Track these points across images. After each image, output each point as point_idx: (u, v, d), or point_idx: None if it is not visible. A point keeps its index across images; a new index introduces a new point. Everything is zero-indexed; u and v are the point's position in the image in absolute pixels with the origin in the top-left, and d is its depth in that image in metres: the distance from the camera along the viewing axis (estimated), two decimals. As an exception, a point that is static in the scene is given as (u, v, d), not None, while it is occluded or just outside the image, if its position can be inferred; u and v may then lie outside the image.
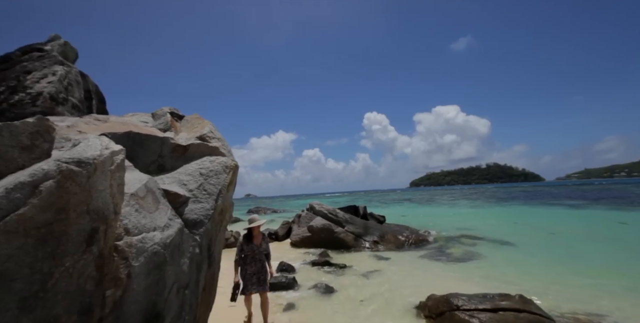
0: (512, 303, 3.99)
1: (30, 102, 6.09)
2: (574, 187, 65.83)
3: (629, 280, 6.16)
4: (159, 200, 2.63)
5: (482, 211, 23.89)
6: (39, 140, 1.95)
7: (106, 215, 1.81)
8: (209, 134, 4.18)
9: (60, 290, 1.54)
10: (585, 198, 29.83)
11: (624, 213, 17.76)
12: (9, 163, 1.71)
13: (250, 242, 4.14)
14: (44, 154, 1.89)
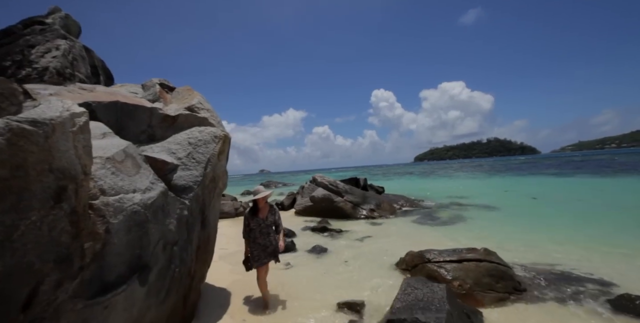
0: (476, 255, 4.05)
1: (37, 77, 5.94)
2: (565, 158, 64.89)
3: (588, 235, 6.40)
4: (139, 165, 2.60)
5: (476, 182, 23.77)
6: (5, 102, 1.87)
7: (74, 174, 1.78)
8: (198, 105, 4.07)
9: (30, 240, 1.55)
10: (571, 168, 29.54)
11: (602, 180, 17.63)
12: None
13: (255, 215, 3.65)
14: (10, 113, 1.84)
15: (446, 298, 2.87)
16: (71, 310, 1.78)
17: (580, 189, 14.49)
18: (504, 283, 3.81)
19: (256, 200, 3.65)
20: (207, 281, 4.35)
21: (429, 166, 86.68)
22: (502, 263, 4.09)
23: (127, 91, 4.04)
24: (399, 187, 21.54)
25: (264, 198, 3.66)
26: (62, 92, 2.94)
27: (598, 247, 5.56)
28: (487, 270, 3.89)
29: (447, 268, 3.95)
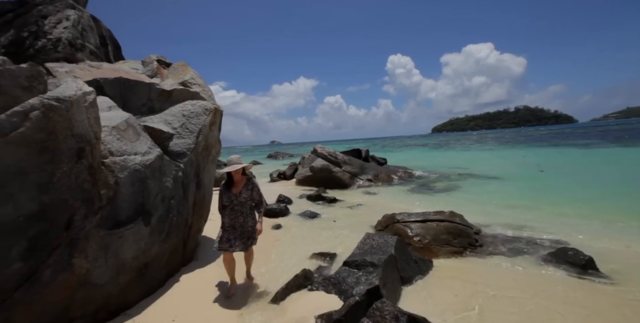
0: (440, 216, 4.70)
1: (52, 48, 6.54)
2: (603, 127, 61.74)
3: (568, 204, 6.77)
4: (139, 133, 3.28)
5: (488, 153, 23.77)
6: (35, 82, 2.54)
7: (88, 139, 2.47)
8: (190, 80, 4.63)
9: (63, 184, 2.28)
10: (603, 138, 28.53)
11: (628, 151, 17.20)
12: (15, 99, 2.33)
13: (228, 190, 3.22)
14: (40, 93, 2.49)
15: (394, 246, 3.57)
16: (96, 236, 2.57)
17: (596, 161, 14.40)
18: (460, 239, 4.48)
19: (230, 172, 3.18)
20: (207, 235, 5.26)
21: (446, 137, 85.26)
22: (462, 224, 4.73)
23: (129, 67, 4.62)
24: (407, 158, 21.95)
25: (238, 171, 3.18)
26: (75, 70, 3.56)
27: (570, 213, 6.07)
28: (447, 228, 4.55)
29: (412, 227, 4.64)
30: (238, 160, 3.26)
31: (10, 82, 2.31)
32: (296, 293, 3.25)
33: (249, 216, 3.25)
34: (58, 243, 2.25)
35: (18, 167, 2.00)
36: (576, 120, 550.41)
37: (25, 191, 2.03)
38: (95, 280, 2.52)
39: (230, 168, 3.14)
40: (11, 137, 1.94)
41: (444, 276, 3.70)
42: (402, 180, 11.45)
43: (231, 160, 3.25)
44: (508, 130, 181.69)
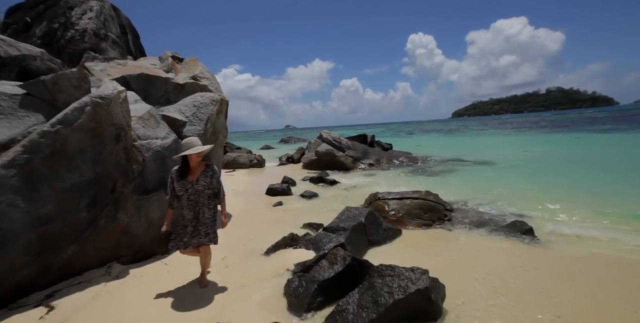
0: (416, 195, 5.45)
1: (80, 39, 7.52)
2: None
3: (550, 189, 7.17)
4: (159, 121, 4.17)
5: (500, 139, 23.71)
6: (82, 82, 3.43)
7: (123, 126, 3.37)
8: (200, 74, 5.46)
9: (108, 160, 3.21)
10: (631, 123, 27.44)
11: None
12: (71, 96, 3.23)
13: (183, 177, 2.77)
14: (87, 91, 3.39)
15: (365, 216, 4.39)
16: (132, 199, 3.53)
17: (605, 149, 14.21)
18: (430, 214, 5.25)
19: (187, 156, 2.73)
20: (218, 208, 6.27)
21: (464, 122, 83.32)
22: (435, 201, 5.47)
23: (149, 63, 5.49)
24: (416, 143, 22.37)
25: (198, 155, 2.76)
26: (107, 68, 4.46)
27: (544, 196, 6.62)
28: (419, 204, 5.31)
29: (390, 204, 5.43)
30: (198, 141, 2.80)
31: (66, 83, 3.20)
32: (283, 249, 4.18)
33: (206, 206, 2.83)
34: (107, 202, 3.22)
35: (80, 147, 2.93)
36: (617, 102, 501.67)
37: (85, 163, 2.97)
38: (133, 230, 3.51)
39: (193, 150, 2.68)
40: (74, 125, 2.86)
41: (408, 242, 4.51)
42: (402, 165, 12.09)
43: (190, 142, 2.75)
44: (537, 114, 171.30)
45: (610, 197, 6.21)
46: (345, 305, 2.54)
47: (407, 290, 2.40)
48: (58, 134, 2.71)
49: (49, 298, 2.60)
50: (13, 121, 2.79)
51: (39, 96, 3.03)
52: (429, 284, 2.43)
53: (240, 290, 3.07)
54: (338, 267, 2.97)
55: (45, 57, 5.36)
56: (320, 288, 2.83)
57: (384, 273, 2.63)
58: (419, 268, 2.60)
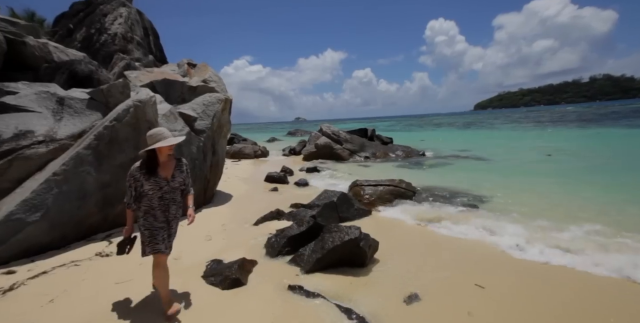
0: (390, 182, 6.71)
1: (111, 42, 9.13)
2: None
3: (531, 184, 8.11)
4: (177, 117, 5.61)
5: (510, 134, 24.19)
6: (125, 89, 4.89)
7: (153, 122, 4.81)
8: (209, 78, 6.86)
9: (143, 146, 4.67)
10: None
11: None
12: (118, 99, 4.68)
13: (153, 173, 2.46)
14: (128, 95, 4.84)
15: (337, 196, 5.72)
16: (157, 176, 4.99)
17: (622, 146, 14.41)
18: (399, 197, 6.53)
19: (156, 149, 2.45)
20: (223, 190, 7.73)
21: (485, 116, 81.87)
22: (405, 188, 6.72)
23: (170, 69, 6.93)
24: (422, 137, 23.31)
25: (170, 148, 2.51)
26: (139, 76, 5.91)
27: (505, 188, 7.71)
28: (390, 191, 6.60)
29: (365, 190, 6.73)
30: (168, 132, 2.48)
31: (115, 90, 4.65)
32: (270, 221, 5.56)
33: (178, 205, 2.63)
34: (141, 176, 4.68)
35: (126, 137, 4.38)
36: None
37: (129, 148, 4.43)
38: (158, 199, 4.98)
39: (166, 142, 2.39)
40: (123, 121, 4.30)
41: (373, 220, 5.83)
42: (398, 158, 13.28)
43: (161, 133, 2.43)
44: (576, 105, 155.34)
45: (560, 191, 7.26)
46: (303, 251, 3.91)
47: (343, 239, 3.73)
48: (114, 127, 4.15)
49: (108, 237, 4.10)
50: (84, 117, 4.27)
51: (98, 99, 4.50)
52: (359, 235, 3.75)
53: (233, 244, 4.49)
54: (303, 228, 4.33)
55: (86, 60, 6.90)
56: (288, 242, 4.21)
57: (331, 230, 3.97)
58: (355, 226, 3.93)
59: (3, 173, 3.86)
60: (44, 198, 3.55)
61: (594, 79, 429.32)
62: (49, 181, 3.62)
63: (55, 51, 6.16)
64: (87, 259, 3.55)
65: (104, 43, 7.92)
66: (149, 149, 2.45)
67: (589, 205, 5.89)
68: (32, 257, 3.48)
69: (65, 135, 4.34)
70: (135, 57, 8.21)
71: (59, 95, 4.63)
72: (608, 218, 5.08)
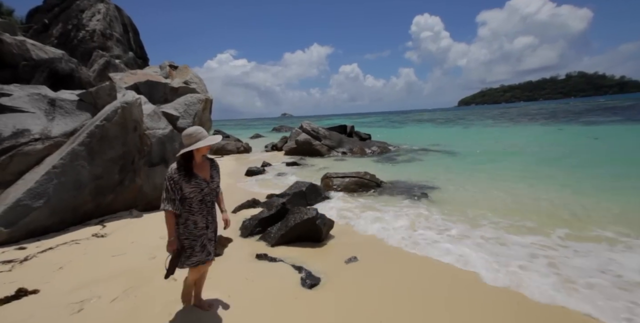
0: (355, 174, 7.54)
1: (89, 39, 9.46)
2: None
3: (482, 174, 9.13)
4: (160, 116, 6.22)
5: (482, 130, 25.57)
6: (112, 91, 5.48)
7: (139, 121, 5.43)
8: (190, 79, 7.47)
9: (130, 142, 5.29)
10: None
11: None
12: (105, 101, 5.27)
13: (191, 174, 2.27)
14: (114, 97, 5.43)
15: (306, 186, 6.49)
16: (144, 169, 5.61)
17: (577, 142, 15.58)
18: (363, 188, 7.36)
19: (192, 151, 2.26)
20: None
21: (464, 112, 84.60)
22: (369, 179, 7.56)
23: (152, 71, 7.47)
24: (398, 134, 24.33)
25: (208, 147, 2.32)
26: (124, 78, 6.46)
27: (466, 175, 8.70)
28: (355, 181, 7.42)
29: (334, 181, 7.53)
30: (205, 131, 2.33)
31: (103, 92, 5.23)
32: (247, 209, 6.27)
33: (214, 208, 2.52)
34: (129, 169, 5.31)
35: (115, 134, 4.99)
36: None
37: (118, 145, 5.05)
38: (145, 190, 5.62)
39: (204, 142, 2.23)
40: (112, 121, 4.92)
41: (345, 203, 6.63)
42: (373, 153, 14.17)
43: (200, 132, 2.26)
44: (552, 102, 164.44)
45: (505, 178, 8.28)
46: (271, 230, 4.66)
47: (302, 218, 4.50)
48: (104, 126, 4.76)
49: (101, 222, 4.74)
50: (74, 117, 4.86)
51: (87, 101, 5.09)
52: (315, 215, 4.53)
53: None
54: (272, 211, 5.09)
55: (65, 58, 7.32)
56: (259, 223, 4.95)
57: (294, 211, 4.73)
58: (313, 208, 4.71)
59: (5, 167, 4.43)
60: (45, 187, 4.16)
61: (569, 76, 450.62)
62: (49, 173, 4.23)
63: (33, 49, 6.59)
64: (85, 239, 4.19)
65: (82, 40, 8.34)
66: (190, 149, 2.20)
67: (521, 199, 6.54)
68: (38, 237, 4.10)
69: (59, 133, 4.92)
70: (115, 54, 8.65)
71: (50, 96, 5.18)
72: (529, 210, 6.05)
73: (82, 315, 2.67)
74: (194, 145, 2.21)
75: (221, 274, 3.37)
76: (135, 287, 3.13)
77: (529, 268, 3.48)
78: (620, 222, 4.79)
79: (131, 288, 3.12)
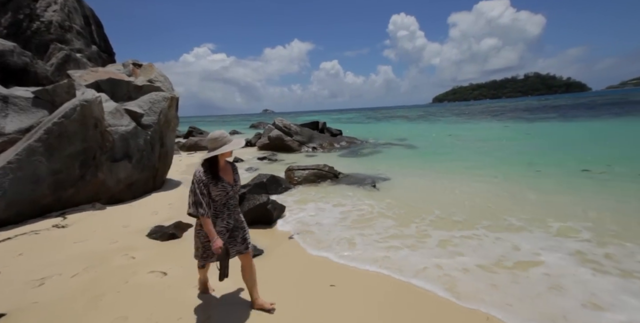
0: (315, 167, 7.87)
1: (45, 30, 8.95)
2: (608, 97, 64.90)
3: (431, 163, 9.78)
4: (123, 114, 6.25)
5: (444, 126, 26.81)
6: (71, 89, 5.48)
7: (100, 118, 5.47)
8: (155, 78, 7.47)
9: (90, 139, 5.33)
10: (583, 110, 31.87)
11: (574, 125, 20.16)
12: (63, 98, 5.27)
13: (218, 178, 2.27)
14: (73, 95, 5.43)
15: (267, 178, 6.74)
16: (106, 164, 5.67)
17: (515, 136, 17.16)
18: (321, 179, 7.71)
19: (217, 156, 2.25)
20: (174, 178, 8.42)
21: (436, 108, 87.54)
22: (327, 171, 7.92)
23: (115, 69, 7.40)
24: (367, 130, 24.97)
25: (231, 152, 2.32)
26: (83, 75, 6.40)
27: (417, 167, 9.26)
28: (314, 173, 7.75)
29: (295, 173, 7.83)
30: (229, 136, 2.30)
31: (61, 90, 5.24)
32: (211, 199, 6.48)
33: (239, 208, 2.55)
34: (91, 165, 5.36)
35: (74, 131, 5.03)
36: (589, 88, 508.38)
37: (77, 141, 5.09)
38: (108, 184, 5.68)
39: (230, 146, 2.23)
40: (71, 118, 4.95)
41: (295, 194, 6.94)
42: (341, 148, 14.58)
43: (224, 137, 2.26)
44: (512, 100, 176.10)
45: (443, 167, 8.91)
46: (228, 216, 4.90)
47: (255, 203, 4.78)
48: (62, 123, 4.80)
49: (62, 215, 4.79)
50: (30, 114, 4.86)
51: (44, 98, 5.08)
52: (266, 200, 4.81)
53: (176, 215, 5.34)
54: (230, 200, 5.32)
55: (17, 50, 7.10)
56: (218, 211, 5.17)
57: (249, 198, 5.00)
58: (266, 195, 4.99)
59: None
60: (1, 182, 4.18)
61: (527, 77, 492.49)
62: (4, 168, 4.25)
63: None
64: (45, 230, 4.27)
65: (37, 31, 7.98)
66: (215, 154, 2.19)
67: (454, 191, 7.00)
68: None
69: (13, 130, 4.90)
70: (76, 47, 8.39)
71: (1, 93, 5.11)
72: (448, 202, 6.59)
73: (43, 288, 2.87)
74: (220, 149, 2.19)
75: (179, 252, 3.70)
76: (96, 265, 3.34)
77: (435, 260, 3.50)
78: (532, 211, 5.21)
79: (91, 266, 3.32)
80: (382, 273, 3.24)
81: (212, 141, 2.22)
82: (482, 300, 2.69)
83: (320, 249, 3.85)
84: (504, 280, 3.01)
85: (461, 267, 3.28)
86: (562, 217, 4.66)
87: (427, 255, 3.61)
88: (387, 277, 3.17)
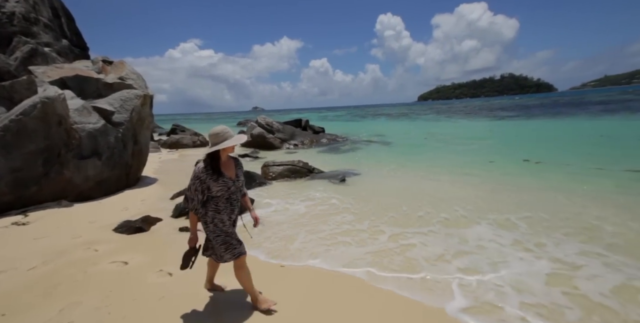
0: (289, 162, 7.85)
1: (7, 22, 8.26)
2: (570, 97, 68.49)
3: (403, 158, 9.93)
4: (90, 111, 6.05)
5: (421, 124, 27.27)
6: (32, 85, 5.26)
7: (64, 116, 5.27)
8: (126, 75, 7.25)
9: (54, 136, 5.14)
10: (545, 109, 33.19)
11: (532, 123, 20.94)
12: (23, 95, 5.05)
13: (219, 173, 2.21)
14: (34, 91, 5.21)
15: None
16: (72, 161, 5.48)
17: (484, 133, 17.92)
18: (295, 175, 7.69)
19: (218, 151, 2.18)
20: (150, 175, 8.23)
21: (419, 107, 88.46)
22: (301, 167, 7.90)
23: (83, 66, 7.14)
24: (350, 127, 25.13)
25: (233, 147, 2.28)
26: (47, 71, 6.14)
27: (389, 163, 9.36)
28: (289, 169, 7.73)
29: (270, 168, 7.79)
30: (231, 132, 2.25)
31: (20, 87, 5.02)
32: (183, 195, 6.37)
33: (238, 207, 2.42)
34: (55, 162, 5.17)
35: (34, 128, 4.84)
36: (556, 89, 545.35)
37: (39, 138, 4.90)
38: (75, 181, 5.50)
39: (232, 141, 2.18)
40: (31, 115, 4.75)
41: (267, 188, 6.90)
42: (321, 145, 14.59)
43: (226, 132, 2.21)
44: (489, 99, 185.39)
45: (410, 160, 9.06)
46: (196, 211, 4.83)
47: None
48: (21, 120, 4.61)
49: (24, 212, 4.62)
50: (-11, 112, 4.63)
51: (0, 95, 4.85)
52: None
53: (146, 211, 5.23)
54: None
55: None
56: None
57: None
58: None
59: None
60: (-45, 180, 3.99)
61: (503, 77, 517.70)
62: (-41, 166, 4.05)
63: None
64: (4, 227, 4.12)
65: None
66: (216, 149, 2.13)
67: (421, 186, 7.27)
68: (-51, 229, 3.95)
69: (-28, 127, 4.66)
70: (44, 41, 7.89)
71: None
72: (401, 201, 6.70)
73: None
74: (221, 144, 2.15)
75: (144, 244, 3.69)
76: (54, 259, 3.26)
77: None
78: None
79: (50, 260, 3.22)
80: (309, 266, 3.18)
81: (213, 136, 2.18)
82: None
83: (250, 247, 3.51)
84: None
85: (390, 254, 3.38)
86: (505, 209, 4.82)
87: (369, 249, 3.53)
88: (317, 269, 3.13)
